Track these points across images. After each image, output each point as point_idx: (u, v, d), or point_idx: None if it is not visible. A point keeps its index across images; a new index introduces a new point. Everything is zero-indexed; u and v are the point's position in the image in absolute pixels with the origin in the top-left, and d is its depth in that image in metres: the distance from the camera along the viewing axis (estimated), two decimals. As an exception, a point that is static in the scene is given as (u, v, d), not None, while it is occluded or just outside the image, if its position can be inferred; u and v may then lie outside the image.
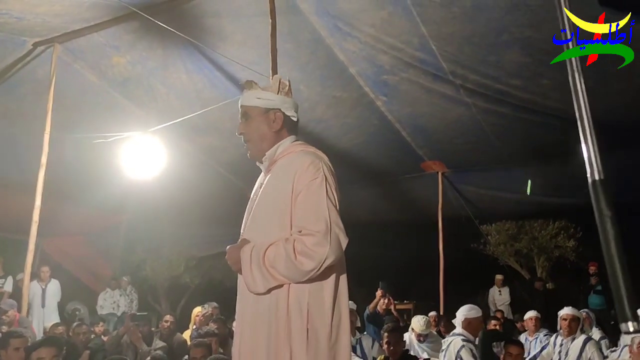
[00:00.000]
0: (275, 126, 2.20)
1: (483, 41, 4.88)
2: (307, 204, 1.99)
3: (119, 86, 6.26)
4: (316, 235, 1.93)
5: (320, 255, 1.90)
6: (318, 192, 2.01)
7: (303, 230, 1.96)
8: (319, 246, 1.91)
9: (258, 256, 1.97)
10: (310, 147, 2.21)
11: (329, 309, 1.99)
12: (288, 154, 2.17)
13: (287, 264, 1.92)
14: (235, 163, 8.03)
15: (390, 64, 5.54)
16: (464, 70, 5.42)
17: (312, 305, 1.95)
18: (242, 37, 5.41)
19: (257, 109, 2.21)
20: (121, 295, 10.27)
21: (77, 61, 5.84)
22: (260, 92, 2.23)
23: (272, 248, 1.96)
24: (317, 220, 1.95)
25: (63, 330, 6.19)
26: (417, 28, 4.86)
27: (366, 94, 6.20)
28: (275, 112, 2.20)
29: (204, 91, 6.30)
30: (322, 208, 1.98)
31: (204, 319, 6.67)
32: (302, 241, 1.93)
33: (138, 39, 5.48)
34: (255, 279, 1.96)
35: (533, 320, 6.37)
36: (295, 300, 1.95)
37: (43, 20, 4.97)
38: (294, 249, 1.92)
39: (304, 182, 2.01)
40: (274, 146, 2.20)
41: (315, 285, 1.98)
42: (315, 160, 2.08)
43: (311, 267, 1.91)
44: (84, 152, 6.98)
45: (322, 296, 1.99)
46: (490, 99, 5.88)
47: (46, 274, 8.95)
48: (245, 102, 2.25)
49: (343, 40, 5.34)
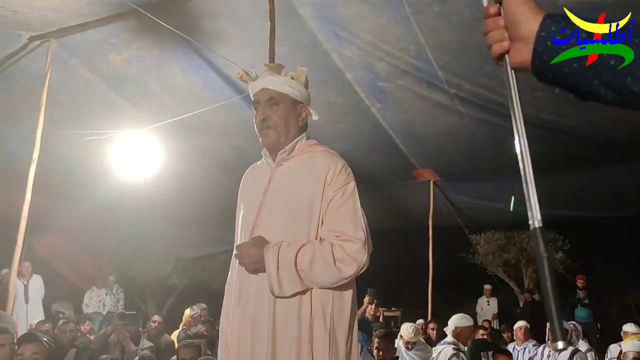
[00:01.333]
0: (302, 121, 2.12)
1: (479, 51, 4.90)
2: (344, 210, 1.95)
3: (114, 84, 6.23)
4: (357, 242, 1.90)
5: (359, 263, 1.89)
6: (353, 198, 1.99)
7: (342, 236, 1.92)
8: (359, 253, 1.90)
9: (288, 258, 1.89)
10: (329, 148, 2.16)
11: (348, 318, 1.96)
12: (308, 152, 2.09)
13: (324, 268, 1.88)
14: (227, 164, 8.02)
15: (387, 71, 5.56)
16: (459, 80, 5.45)
17: (335, 312, 1.93)
18: (239, 38, 5.41)
19: (287, 98, 2.08)
20: (107, 294, 10.22)
21: (72, 57, 5.80)
22: (291, 80, 2.10)
23: (306, 251, 1.90)
24: (355, 227, 1.93)
25: (49, 328, 6.14)
26: (414, 36, 4.89)
27: (361, 100, 6.21)
28: (302, 106, 2.12)
29: (198, 91, 6.29)
30: (358, 215, 1.97)
31: (192, 320, 6.65)
32: (342, 247, 1.89)
33: (135, 37, 5.46)
34: (282, 281, 1.89)
35: (522, 329, 6.39)
36: (319, 305, 1.91)
37: (40, 14, 4.94)
38: (333, 254, 1.88)
39: (336, 186, 1.97)
40: (292, 141, 2.09)
41: (338, 293, 1.95)
42: (345, 164, 2.05)
43: (350, 274, 1.90)
44: (75, 149, 6.94)
45: (343, 303, 1.96)
46: (484, 109, 5.91)
47: (27, 270, 8.80)
48: (274, 86, 2.07)
49: (340, 46, 5.35)
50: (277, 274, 1.88)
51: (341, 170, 2.00)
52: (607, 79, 0.89)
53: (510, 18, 0.99)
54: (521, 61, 1.00)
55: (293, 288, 1.89)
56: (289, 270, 1.87)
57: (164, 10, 4.94)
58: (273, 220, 2.01)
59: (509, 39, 1.01)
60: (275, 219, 2.01)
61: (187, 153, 7.78)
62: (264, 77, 2.12)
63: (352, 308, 2.00)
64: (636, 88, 0.86)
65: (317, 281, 1.90)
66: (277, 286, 1.88)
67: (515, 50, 1.00)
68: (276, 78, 2.08)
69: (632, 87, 0.87)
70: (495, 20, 1.03)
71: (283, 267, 1.88)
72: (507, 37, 1.01)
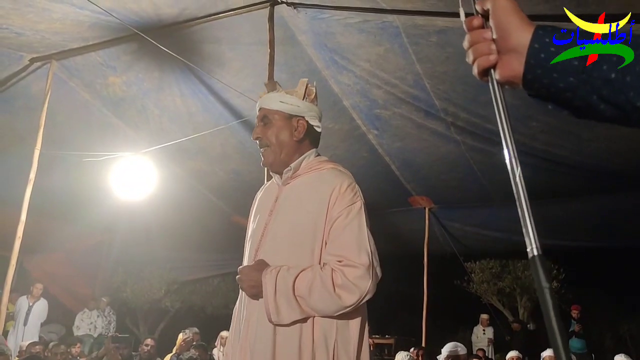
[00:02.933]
0: (297, 135, 1.99)
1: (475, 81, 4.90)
2: (348, 232, 1.81)
3: (113, 106, 6.28)
4: (359, 268, 1.75)
5: (362, 290, 1.74)
6: (358, 219, 1.84)
7: (344, 261, 1.77)
8: (362, 280, 1.75)
9: (286, 283, 1.76)
10: (340, 166, 2.03)
11: (354, 350, 1.80)
12: (315, 170, 1.98)
13: (323, 296, 1.74)
14: (223, 188, 8.03)
15: (384, 98, 5.62)
16: (455, 109, 5.52)
17: (339, 342, 1.77)
18: (239, 64, 5.47)
19: (279, 114, 2.00)
20: (99, 316, 10.09)
21: (73, 79, 5.86)
22: (285, 95, 2.02)
23: (305, 276, 1.77)
24: (359, 251, 1.78)
25: (40, 350, 6.07)
26: (412, 65, 4.96)
27: (358, 126, 6.27)
28: (299, 119, 2.00)
29: (197, 115, 6.34)
30: (363, 238, 1.81)
31: (185, 344, 6.59)
32: (343, 272, 1.75)
33: (135, 60, 5.53)
34: (280, 308, 1.76)
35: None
36: (321, 335, 1.77)
37: (42, 37, 5.01)
38: (333, 280, 1.74)
39: (341, 206, 1.84)
40: (295, 157, 1.99)
41: (343, 322, 1.80)
42: (352, 182, 1.92)
43: (351, 302, 1.74)
44: (72, 170, 6.94)
45: (349, 334, 1.80)
46: (480, 138, 5.97)
47: (38, 292, 8.83)
48: (266, 104, 2.03)
49: (339, 74, 5.42)
50: (274, 299, 1.76)
51: (347, 188, 1.87)
52: (607, 93, 0.83)
53: (500, 28, 0.92)
54: (511, 75, 0.93)
55: (292, 315, 1.76)
56: (286, 296, 1.75)
57: (165, 35, 5.01)
58: (277, 242, 1.90)
59: (496, 52, 0.94)
60: (280, 241, 1.89)
61: (184, 176, 7.80)
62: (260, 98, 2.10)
63: (360, 338, 1.83)
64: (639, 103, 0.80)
65: (316, 309, 1.76)
66: (274, 312, 1.76)
67: (504, 63, 0.93)
68: (268, 96, 2.04)
69: (636, 101, 0.81)
70: (479, 33, 0.96)
71: (281, 292, 1.76)
72: (494, 50, 0.94)
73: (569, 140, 5.65)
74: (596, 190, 7.11)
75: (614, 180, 6.52)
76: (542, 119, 5.32)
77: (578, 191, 7.20)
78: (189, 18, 4.90)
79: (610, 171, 6.26)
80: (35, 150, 5.46)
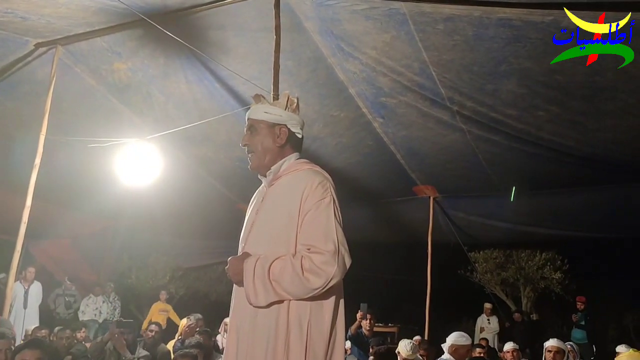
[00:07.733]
0: (280, 141, 2.24)
1: (482, 70, 4.95)
2: (316, 223, 2.03)
3: (118, 92, 6.27)
4: (325, 254, 1.96)
5: (327, 274, 1.94)
6: (327, 212, 2.06)
7: (312, 249, 1.99)
8: (328, 265, 1.95)
9: (263, 269, 1.98)
10: (316, 166, 2.25)
11: (327, 330, 2.01)
12: (293, 171, 2.21)
13: (293, 279, 1.94)
14: (227, 175, 8.04)
15: (390, 86, 5.59)
16: (461, 97, 5.49)
17: (312, 324, 1.99)
18: (245, 51, 5.45)
19: (263, 123, 2.26)
20: (104, 302, 10.17)
21: (78, 64, 5.84)
22: (269, 106, 2.28)
23: (278, 262, 1.98)
24: (326, 240, 1.99)
25: (45, 334, 6.12)
26: (418, 53, 4.93)
27: (364, 114, 6.25)
28: (281, 127, 2.25)
29: (202, 102, 6.32)
30: (330, 228, 2.02)
31: (188, 330, 6.62)
32: (310, 259, 1.96)
33: (141, 46, 5.51)
34: (257, 291, 1.98)
35: (511, 353, 6.31)
36: (296, 317, 1.98)
37: (47, 21, 4.99)
38: (302, 265, 1.95)
39: (312, 201, 2.05)
40: (278, 161, 2.24)
41: (317, 304, 2.01)
42: (323, 180, 2.13)
43: (318, 285, 1.94)
44: (78, 156, 6.97)
45: (322, 316, 2.02)
46: (485, 127, 5.94)
47: (31, 275, 8.86)
48: (252, 115, 2.30)
49: (344, 61, 5.40)
50: (252, 283, 1.98)
51: (318, 185, 2.09)
52: None
53: None
54: None
55: (267, 298, 1.97)
56: (262, 279, 1.97)
57: (170, 21, 4.99)
58: (259, 236, 2.14)
59: None
60: (261, 236, 2.13)
61: (189, 163, 7.81)
62: None
63: (334, 319, 2.05)
64: None
65: (288, 291, 1.96)
66: (253, 295, 1.98)
67: None
68: (255, 107, 2.30)
69: None
70: None
71: (258, 276, 1.98)
72: None
73: (575, 130, 5.62)
74: (602, 181, 7.08)
75: (620, 170, 6.48)
76: (549, 108, 5.29)
77: (584, 181, 7.17)
78: (194, 4, 4.87)
79: (617, 161, 6.22)
80: (40, 135, 5.47)
